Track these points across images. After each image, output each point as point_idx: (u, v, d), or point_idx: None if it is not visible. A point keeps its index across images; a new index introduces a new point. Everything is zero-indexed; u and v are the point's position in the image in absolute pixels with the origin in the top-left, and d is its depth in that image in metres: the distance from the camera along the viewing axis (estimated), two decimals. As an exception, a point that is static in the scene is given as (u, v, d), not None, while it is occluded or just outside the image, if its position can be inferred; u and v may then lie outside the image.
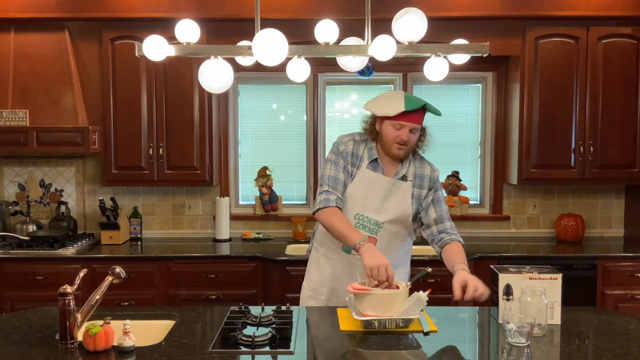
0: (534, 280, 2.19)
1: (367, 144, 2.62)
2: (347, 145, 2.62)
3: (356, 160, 2.60)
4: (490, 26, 3.97)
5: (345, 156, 2.59)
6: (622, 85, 3.98)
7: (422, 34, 2.27)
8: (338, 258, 2.62)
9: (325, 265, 2.66)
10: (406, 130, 2.50)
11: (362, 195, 2.56)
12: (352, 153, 2.60)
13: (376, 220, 2.55)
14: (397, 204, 2.57)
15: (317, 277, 2.69)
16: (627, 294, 3.77)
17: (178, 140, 4.00)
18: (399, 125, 2.50)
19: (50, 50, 3.93)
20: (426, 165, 2.65)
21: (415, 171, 2.61)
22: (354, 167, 2.59)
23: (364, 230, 2.54)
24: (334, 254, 2.63)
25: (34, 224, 4.18)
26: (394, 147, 2.53)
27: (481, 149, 4.48)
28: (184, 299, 3.73)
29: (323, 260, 2.67)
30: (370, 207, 2.55)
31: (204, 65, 2.32)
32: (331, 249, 2.63)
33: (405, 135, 2.50)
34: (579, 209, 4.38)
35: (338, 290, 2.61)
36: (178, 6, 3.86)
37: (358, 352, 1.99)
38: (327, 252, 2.65)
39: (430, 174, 2.63)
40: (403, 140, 2.51)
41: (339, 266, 2.62)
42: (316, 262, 2.71)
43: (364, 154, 2.60)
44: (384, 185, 2.57)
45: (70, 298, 2.00)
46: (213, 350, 1.95)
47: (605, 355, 1.91)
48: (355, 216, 2.56)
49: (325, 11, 3.73)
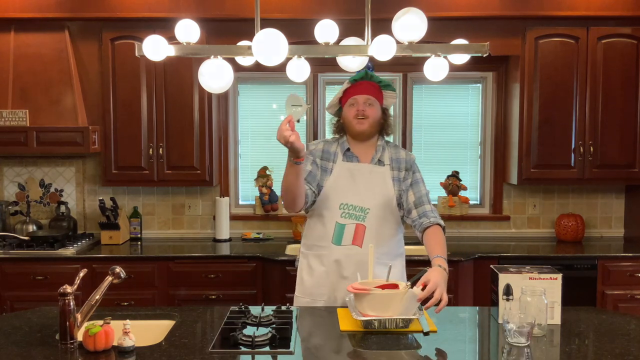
0: (534, 280, 2.19)
1: (339, 141, 2.69)
2: (316, 145, 2.69)
3: (329, 156, 2.64)
4: (490, 26, 3.98)
5: (314, 153, 2.64)
6: (622, 85, 3.98)
7: (422, 34, 2.27)
8: (329, 253, 2.59)
9: (317, 265, 2.62)
10: (360, 102, 2.59)
11: (343, 185, 2.58)
12: (323, 150, 2.66)
13: (361, 206, 2.56)
14: (379, 188, 2.59)
15: (311, 280, 2.64)
16: (627, 294, 3.77)
17: (178, 140, 4.00)
18: (352, 100, 2.61)
19: (50, 50, 3.93)
20: (401, 150, 2.72)
21: (391, 155, 2.67)
22: (328, 162, 2.62)
23: (349, 219, 2.55)
24: (325, 250, 2.60)
25: (34, 224, 4.18)
26: (354, 122, 2.60)
27: (481, 149, 4.48)
28: (184, 299, 3.73)
29: (314, 261, 2.63)
30: (353, 195, 2.56)
31: (204, 65, 2.32)
32: (321, 247, 2.60)
33: (361, 105, 2.58)
34: (579, 209, 4.38)
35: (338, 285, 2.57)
36: (178, 6, 3.86)
37: (358, 352, 1.99)
38: (316, 252, 2.62)
39: (406, 156, 2.69)
40: (360, 111, 2.58)
41: (332, 260, 2.58)
42: (307, 267, 2.66)
43: (337, 150, 2.66)
44: (363, 172, 2.60)
45: (70, 298, 2.00)
46: (213, 350, 1.95)
47: (605, 355, 1.91)
48: (340, 206, 2.57)
49: (325, 11, 3.73)
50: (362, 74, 2.62)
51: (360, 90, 2.61)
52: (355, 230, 2.56)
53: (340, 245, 2.57)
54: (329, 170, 2.62)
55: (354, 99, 2.61)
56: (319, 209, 2.61)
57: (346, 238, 2.57)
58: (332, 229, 2.58)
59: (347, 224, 2.56)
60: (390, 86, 2.71)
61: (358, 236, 2.56)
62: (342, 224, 2.56)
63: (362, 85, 2.62)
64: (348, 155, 2.64)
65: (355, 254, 2.56)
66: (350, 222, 2.56)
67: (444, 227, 2.57)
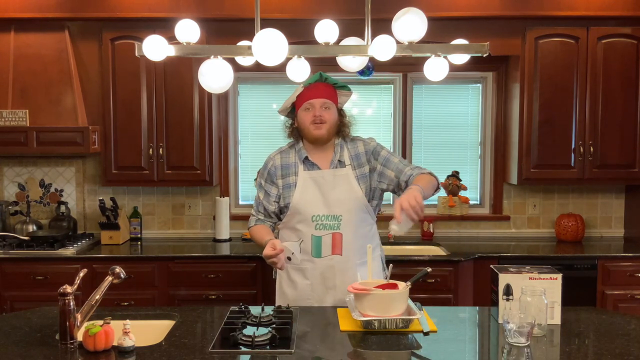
0: (534, 280, 2.19)
1: (295, 148, 2.63)
2: (274, 160, 2.64)
3: (289, 170, 2.60)
4: (490, 26, 3.98)
5: (272, 173, 2.62)
6: (622, 85, 3.98)
7: (422, 34, 2.27)
8: (313, 267, 2.56)
9: (299, 278, 2.58)
10: (316, 106, 2.52)
11: (311, 197, 2.54)
12: (282, 166, 2.61)
13: (333, 214, 2.53)
14: (346, 192, 2.54)
15: (294, 293, 2.60)
16: (627, 294, 3.77)
17: (178, 140, 4.00)
18: (308, 105, 2.53)
19: (50, 50, 3.93)
20: (358, 142, 2.64)
21: (350, 153, 2.61)
22: (289, 177, 2.59)
23: (324, 230, 2.52)
24: (307, 264, 2.56)
25: (34, 224, 4.18)
26: (311, 128, 2.53)
27: (481, 149, 4.48)
28: (184, 299, 3.73)
29: (295, 274, 2.59)
30: (322, 205, 2.52)
31: (204, 65, 2.32)
32: (303, 260, 2.56)
33: (318, 110, 2.52)
34: (579, 209, 4.38)
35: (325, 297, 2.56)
36: (178, 6, 3.86)
37: (358, 352, 1.99)
38: (297, 266, 2.57)
39: (365, 147, 2.62)
40: (317, 116, 2.51)
41: (316, 274, 2.56)
42: (287, 280, 2.63)
43: (295, 160, 2.60)
44: (326, 179, 2.55)
45: (70, 298, 2.00)
46: (213, 350, 1.95)
47: (605, 355, 1.91)
48: (312, 218, 2.53)
49: (325, 11, 3.73)
50: (317, 76, 2.57)
51: (316, 94, 2.54)
52: (332, 240, 2.53)
53: (320, 257, 2.55)
54: (292, 185, 2.57)
55: (310, 103, 2.53)
56: (292, 222, 2.58)
57: (325, 249, 2.54)
58: (309, 243, 2.55)
59: (322, 235, 2.53)
60: (346, 87, 2.64)
61: (336, 245, 2.54)
62: (318, 236, 2.54)
63: (317, 88, 2.55)
64: (307, 164, 2.59)
65: (337, 262, 2.54)
66: (326, 233, 2.53)
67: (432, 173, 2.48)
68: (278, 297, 2.68)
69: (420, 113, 4.43)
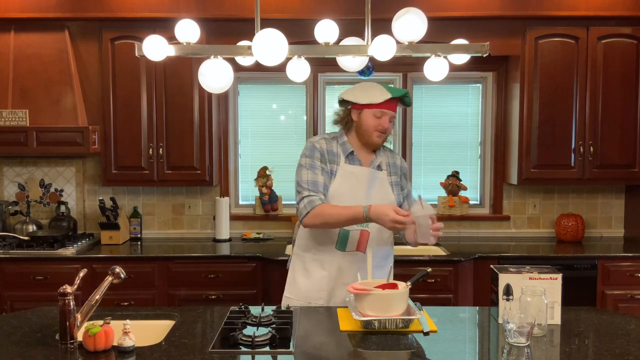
0: (534, 280, 2.19)
1: (338, 140, 2.63)
2: (320, 143, 2.59)
3: (333, 157, 2.58)
4: (490, 26, 3.97)
5: (321, 155, 2.56)
6: (622, 85, 3.98)
7: (422, 34, 2.27)
8: (332, 259, 2.57)
9: (315, 269, 2.59)
10: (387, 118, 2.55)
11: (347, 190, 2.55)
12: (328, 151, 2.58)
13: None
14: (381, 193, 2.59)
15: (307, 283, 2.61)
16: (627, 294, 3.77)
17: (178, 140, 4.00)
18: (380, 113, 2.54)
19: (50, 50, 3.93)
20: (396, 156, 2.75)
21: (388, 160, 2.67)
22: (332, 164, 2.57)
23: (354, 225, 2.53)
24: (327, 255, 2.57)
25: (34, 224, 4.18)
26: (374, 135, 2.56)
27: (481, 149, 4.48)
28: (184, 299, 3.73)
29: (312, 264, 2.60)
30: (358, 200, 2.52)
31: (204, 65, 2.32)
32: (321, 251, 2.57)
33: (386, 123, 2.55)
34: (579, 209, 4.38)
35: (336, 291, 2.58)
36: (178, 6, 3.86)
37: (358, 352, 1.99)
38: (316, 256, 2.59)
39: (401, 164, 2.72)
40: (384, 128, 2.55)
41: (335, 267, 2.57)
42: (302, 269, 2.63)
43: (338, 151, 2.60)
44: (365, 176, 2.58)
45: (70, 298, 2.00)
46: (213, 350, 1.95)
47: (605, 355, 1.91)
48: None
49: (325, 11, 3.73)
50: (403, 92, 2.57)
51: (392, 107, 2.56)
52: (360, 236, 2.55)
53: (344, 251, 2.56)
54: (333, 173, 2.57)
55: (383, 112, 2.54)
56: None
57: (351, 244, 2.56)
58: (336, 234, 2.55)
59: (352, 230, 2.54)
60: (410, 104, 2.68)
61: (362, 242, 2.56)
62: (347, 230, 2.54)
63: (394, 101, 2.57)
64: (351, 158, 2.60)
65: (358, 260, 2.55)
66: (356, 229, 2.54)
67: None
68: (289, 287, 2.68)
69: (420, 113, 4.43)
